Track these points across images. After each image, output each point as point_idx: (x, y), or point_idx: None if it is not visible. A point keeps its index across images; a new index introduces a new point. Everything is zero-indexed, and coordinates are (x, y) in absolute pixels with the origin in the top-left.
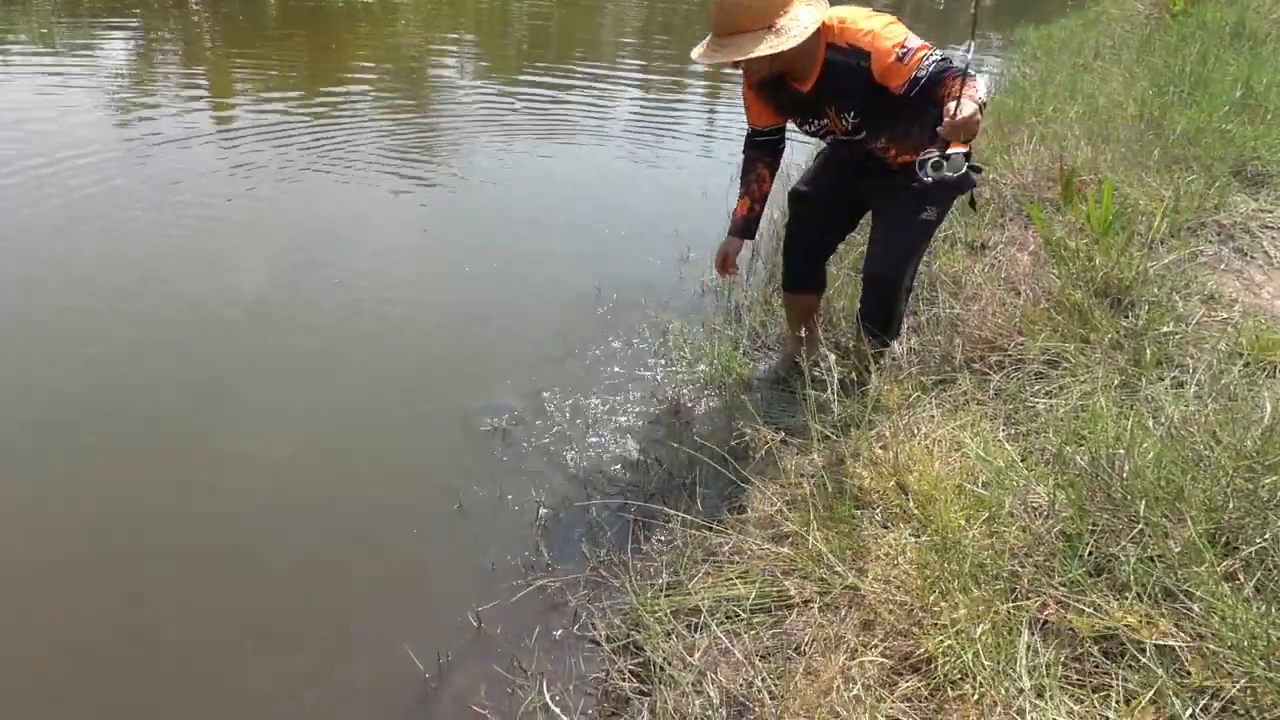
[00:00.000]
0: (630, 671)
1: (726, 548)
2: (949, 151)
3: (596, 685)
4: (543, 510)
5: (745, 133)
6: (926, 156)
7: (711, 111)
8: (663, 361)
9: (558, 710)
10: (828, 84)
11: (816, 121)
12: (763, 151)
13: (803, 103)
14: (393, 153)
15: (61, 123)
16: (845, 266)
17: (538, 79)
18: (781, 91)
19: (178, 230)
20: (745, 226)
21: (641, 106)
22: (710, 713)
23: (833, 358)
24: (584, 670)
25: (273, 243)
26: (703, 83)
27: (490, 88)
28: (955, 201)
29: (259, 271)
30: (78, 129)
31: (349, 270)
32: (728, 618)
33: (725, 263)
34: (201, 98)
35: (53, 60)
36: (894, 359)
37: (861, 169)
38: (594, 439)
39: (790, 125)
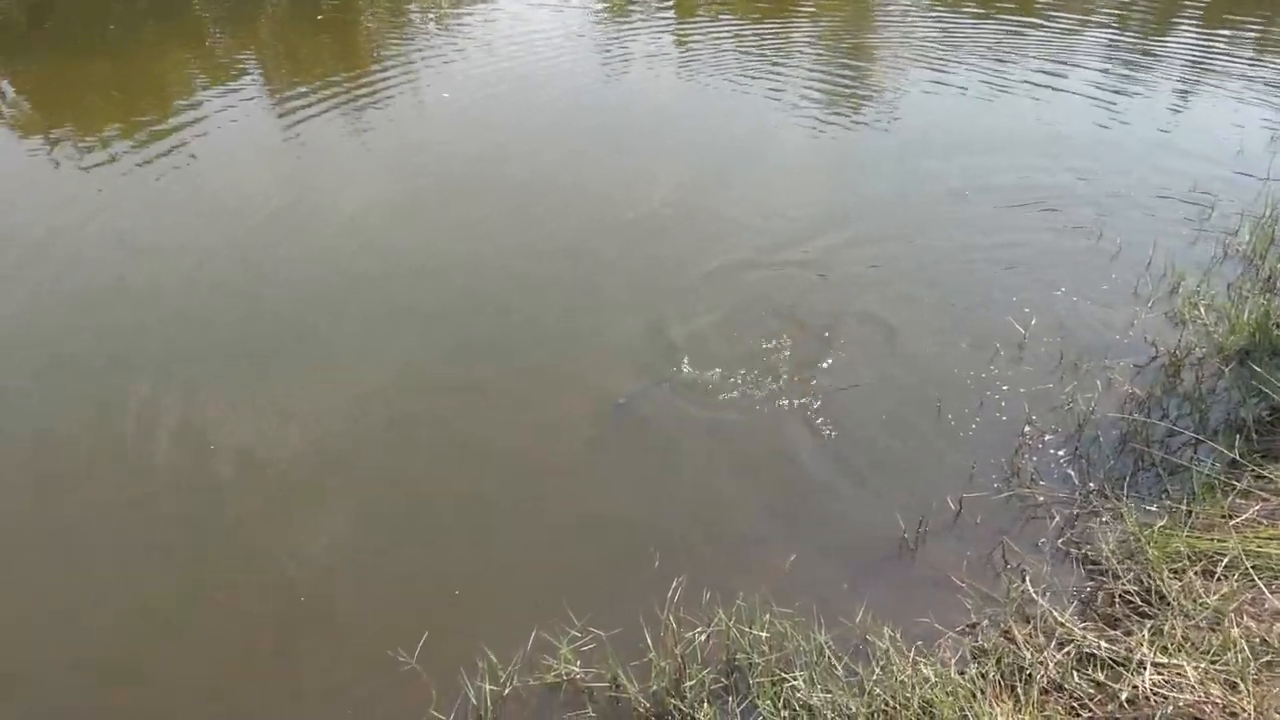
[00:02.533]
0: (1122, 594)
1: (1254, 510)
2: None
3: (1084, 596)
4: (1027, 429)
5: None
6: None
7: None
8: (1164, 313)
9: (1045, 604)
10: None
11: None
12: None
13: None
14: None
15: None
16: None
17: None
18: None
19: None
20: None
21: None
22: (1230, 649)
23: None
24: (1068, 581)
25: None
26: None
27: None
28: None
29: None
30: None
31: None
32: (1254, 570)
33: None
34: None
35: None
36: None
37: None
38: (1083, 375)
39: None
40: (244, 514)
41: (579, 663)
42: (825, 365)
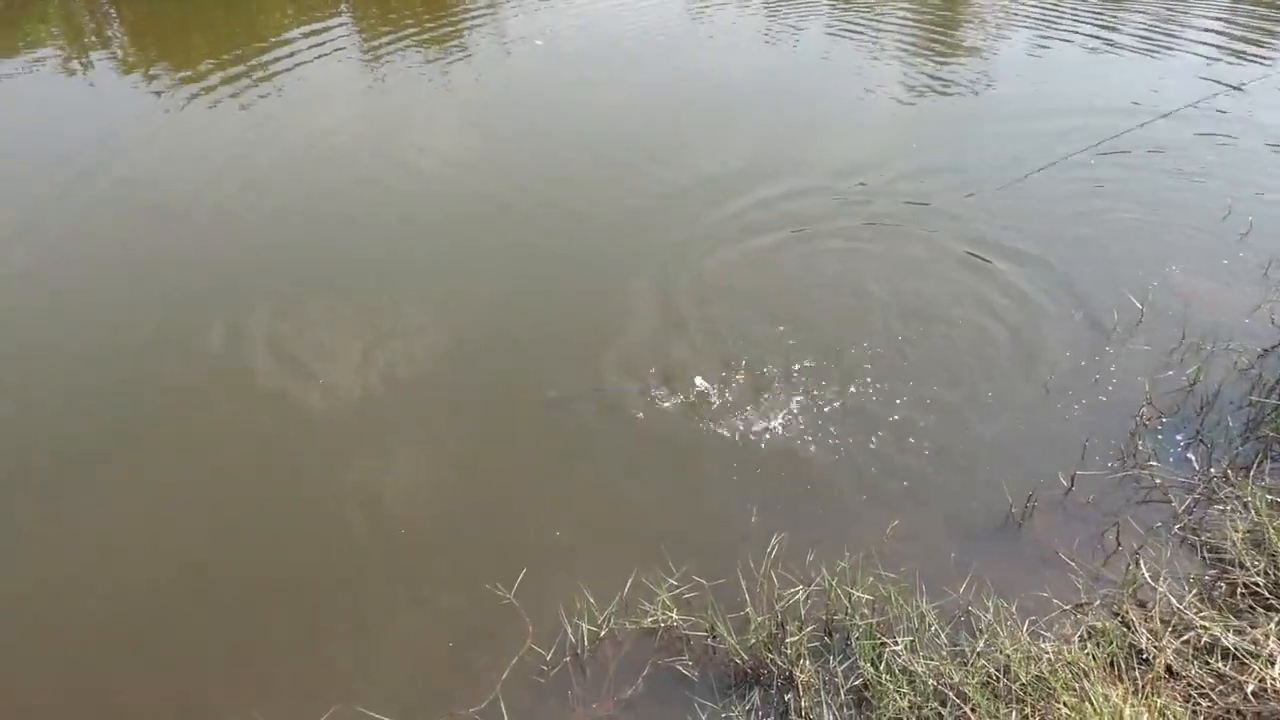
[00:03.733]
0: (1247, 585)
1: None
2: None
3: (1204, 584)
4: (1144, 409)
5: None
6: None
7: None
8: None
9: (1163, 591)
10: None
11: None
12: None
13: None
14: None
15: None
16: None
17: None
18: None
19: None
20: None
21: None
22: None
23: None
24: (1186, 567)
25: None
26: None
27: None
28: None
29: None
30: None
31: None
32: None
33: None
34: None
35: None
36: None
37: None
38: (1205, 356)
39: None
40: (340, 447)
41: (676, 610)
42: (929, 331)
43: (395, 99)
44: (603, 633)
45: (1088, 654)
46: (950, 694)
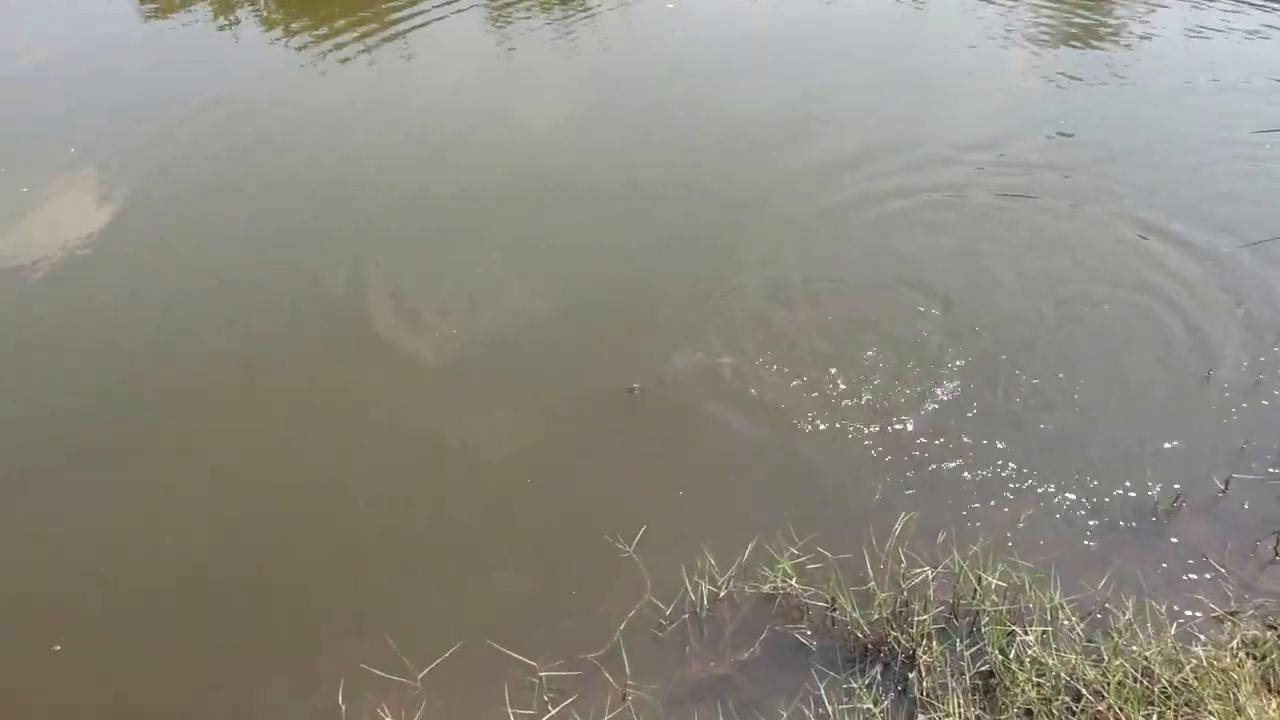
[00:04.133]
0: None
1: None
2: None
3: None
4: None
5: None
6: None
7: None
8: None
9: None
10: None
11: None
12: None
13: None
14: None
15: None
16: None
17: None
18: None
19: None
20: None
21: None
22: None
23: None
24: None
25: None
26: None
27: None
28: None
29: None
30: None
31: None
32: None
33: None
34: None
35: None
36: None
37: None
38: None
39: None
40: (451, 402)
41: (797, 579)
42: (1082, 313)
43: (518, 60)
44: (722, 594)
45: (1239, 663)
46: (1083, 690)
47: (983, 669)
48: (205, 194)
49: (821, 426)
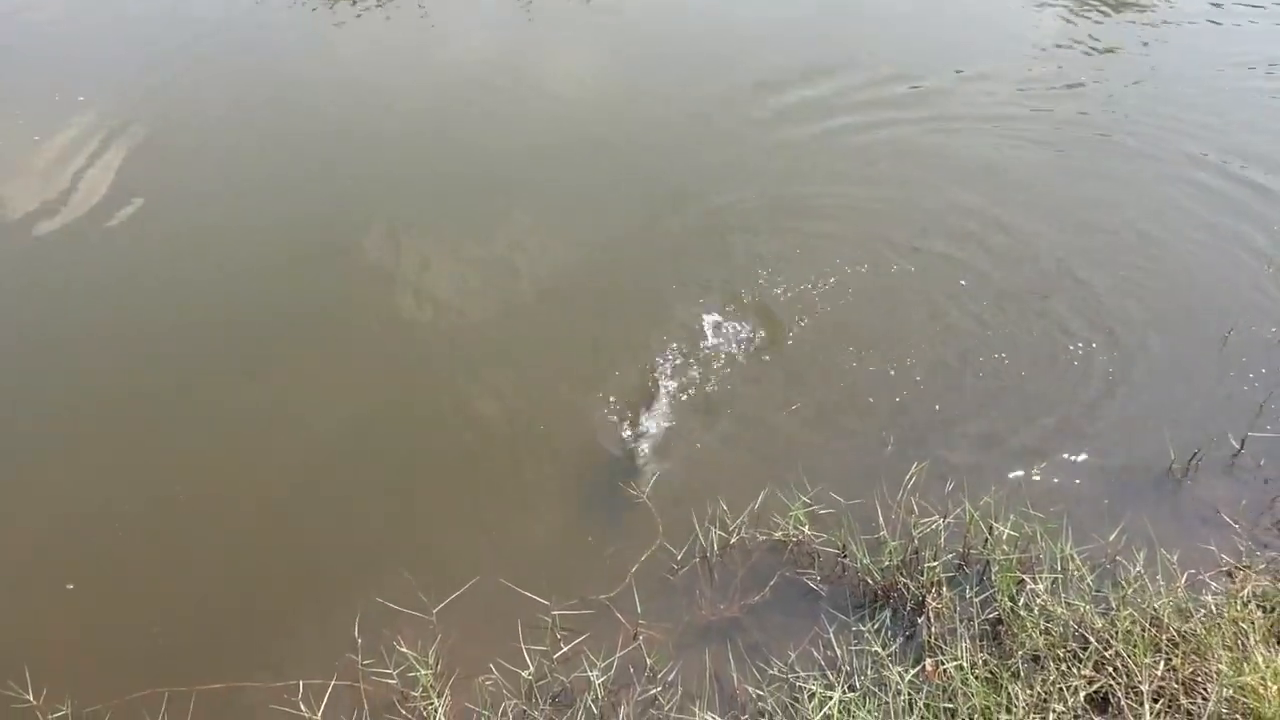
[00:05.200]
0: None
1: None
2: None
3: None
4: None
5: None
6: None
7: None
8: None
9: None
10: None
11: None
12: None
13: None
14: None
15: None
16: None
17: None
18: None
19: None
20: None
21: None
22: None
23: None
24: None
25: None
26: None
27: None
28: None
29: None
30: None
31: None
32: None
33: None
34: None
35: None
36: None
37: None
38: None
39: None
40: (477, 357)
41: (808, 526)
42: (1102, 271)
43: (535, 20)
44: (733, 540)
45: (1249, 614)
46: (1091, 638)
47: (991, 616)
48: (210, 143)
49: (836, 376)
